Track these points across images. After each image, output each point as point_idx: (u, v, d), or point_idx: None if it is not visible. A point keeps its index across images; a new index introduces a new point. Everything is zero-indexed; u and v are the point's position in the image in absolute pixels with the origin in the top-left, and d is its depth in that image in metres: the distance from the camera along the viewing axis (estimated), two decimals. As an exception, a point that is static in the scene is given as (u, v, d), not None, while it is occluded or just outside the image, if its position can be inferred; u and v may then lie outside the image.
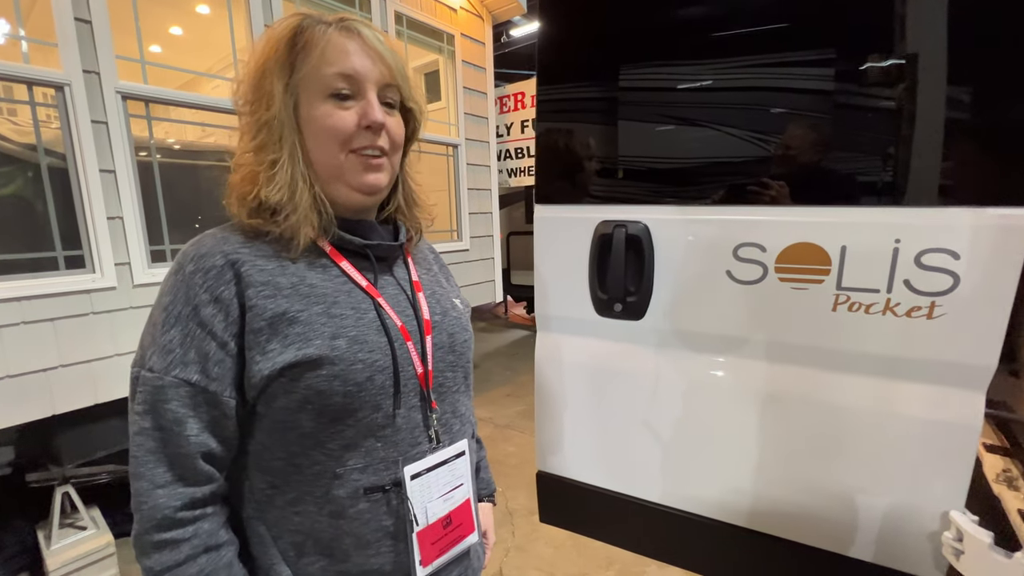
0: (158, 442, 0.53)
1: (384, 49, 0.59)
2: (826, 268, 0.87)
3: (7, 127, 1.82)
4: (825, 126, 0.88)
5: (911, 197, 0.81)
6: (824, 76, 0.87)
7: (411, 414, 0.61)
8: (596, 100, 1.11)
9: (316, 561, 0.58)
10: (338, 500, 0.57)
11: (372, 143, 0.59)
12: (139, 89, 2.00)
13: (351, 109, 0.58)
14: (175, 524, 0.53)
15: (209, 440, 0.55)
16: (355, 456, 0.57)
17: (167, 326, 0.54)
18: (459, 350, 0.69)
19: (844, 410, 0.90)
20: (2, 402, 1.70)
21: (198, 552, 0.54)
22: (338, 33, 0.57)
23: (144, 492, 0.53)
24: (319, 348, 0.55)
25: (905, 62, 0.82)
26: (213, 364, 0.54)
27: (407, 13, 3.28)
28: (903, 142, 0.83)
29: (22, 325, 1.71)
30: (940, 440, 0.84)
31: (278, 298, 0.56)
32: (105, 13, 1.87)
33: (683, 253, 0.99)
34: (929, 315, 0.81)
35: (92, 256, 1.89)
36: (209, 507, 0.56)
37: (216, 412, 0.55)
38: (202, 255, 0.56)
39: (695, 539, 1.07)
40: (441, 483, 0.63)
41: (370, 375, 0.57)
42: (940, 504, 0.85)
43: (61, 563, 1.84)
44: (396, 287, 0.66)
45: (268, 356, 0.54)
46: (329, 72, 0.56)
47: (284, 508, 0.58)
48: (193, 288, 0.54)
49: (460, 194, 3.80)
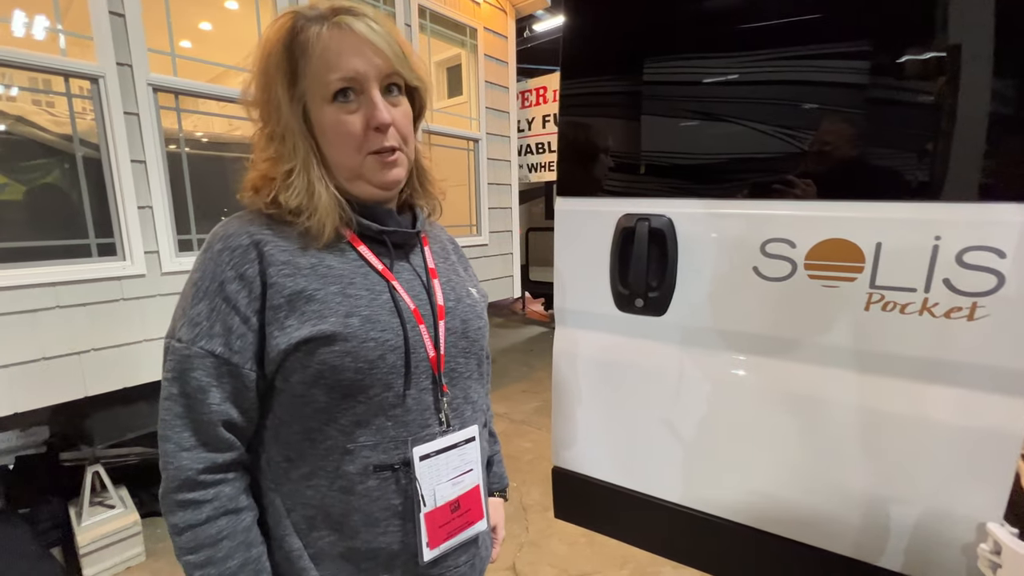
0: (184, 408, 0.56)
1: (379, 38, 0.58)
2: (859, 265, 0.83)
3: (45, 118, 1.89)
4: (863, 119, 0.85)
5: (953, 192, 0.77)
6: (861, 68, 0.84)
7: (422, 396, 0.62)
8: (621, 93, 1.08)
9: (326, 536, 0.60)
10: (348, 476, 0.59)
11: (383, 143, 0.60)
12: (169, 81, 2.04)
13: (357, 112, 0.58)
14: (197, 486, 0.56)
15: (230, 410, 0.58)
16: (366, 433, 0.59)
17: (196, 300, 0.57)
18: (472, 336, 0.70)
19: (875, 414, 0.86)
20: (39, 383, 1.77)
21: (218, 514, 0.57)
22: (330, 32, 0.57)
23: (170, 453, 0.56)
24: (333, 325, 0.56)
25: (948, 52, 0.78)
26: (236, 338, 0.56)
27: (430, 7, 3.28)
28: (945, 135, 0.79)
29: (57, 309, 1.78)
30: (978, 448, 0.80)
31: (297, 277, 0.58)
32: (138, 6, 1.92)
33: (708, 248, 0.96)
34: (970, 316, 0.77)
35: (123, 244, 1.95)
36: (230, 473, 0.59)
37: (237, 384, 0.57)
38: (229, 235, 0.58)
39: (713, 541, 1.05)
40: (450, 467, 0.64)
41: (381, 354, 0.58)
42: (977, 515, 0.81)
43: (91, 539, 1.91)
44: (412, 273, 0.67)
45: (286, 331, 0.56)
46: (330, 78, 0.57)
47: (298, 482, 0.60)
48: (220, 265, 0.57)
49: (480, 189, 3.80)
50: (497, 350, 5.12)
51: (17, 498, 2.16)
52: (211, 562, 0.56)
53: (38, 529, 2.02)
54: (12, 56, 1.69)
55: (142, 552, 2.05)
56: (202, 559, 0.56)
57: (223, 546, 0.56)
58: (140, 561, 2.04)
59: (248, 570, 0.58)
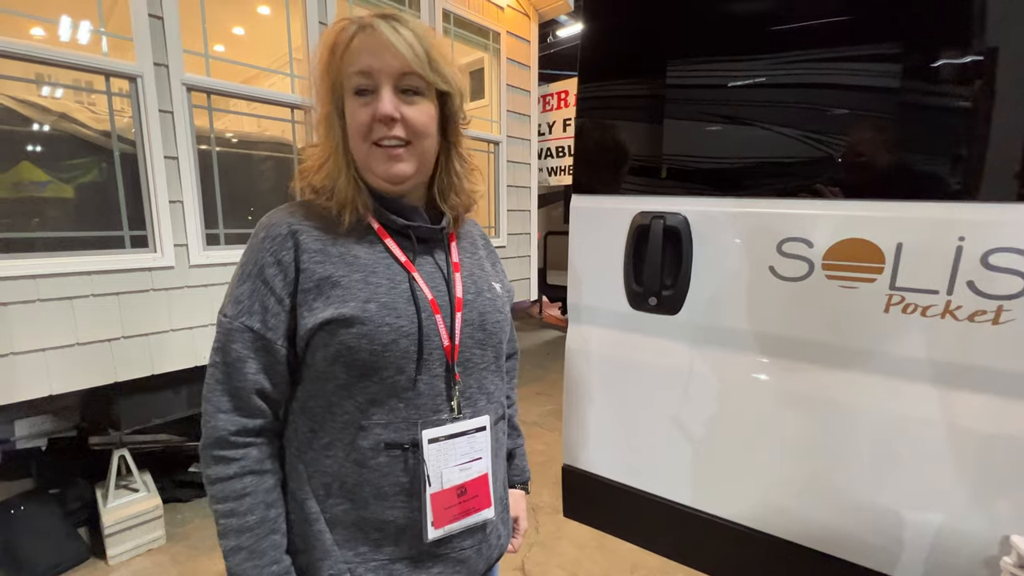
0: (224, 375, 0.63)
1: (400, 40, 0.61)
2: (879, 266, 0.82)
3: (87, 115, 1.98)
4: (884, 119, 0.83)
5: (979, 192, 0.75)
6: (881, 68, 0.82)
7: (434, 382, 0.66)
8: (638, 95, 1.09)
9: (340, 503, 0.65)
10: (361, 450, 0.63)
11: (387, 134, 0.63)
12: (203, 81, 2.12)
13: (368, 105, 0.63)
14: (229, 445, 0.63)
15: (263, 380, 0.64)
16: (379, 412, 0.63)
17: (241, 281, 0.64)
18: (490, 329, 0.72)
19: (894, 419, 0.84)
20: (72, 367, 1.84)
21: (244, 472, 0.63)
22: (360, 33, 0.63)
23: (210, 414, 0.63)
24: (352, 308, 0.62)
25: (969, 51, 0.76)
26: (271, 316, 0.63)
27: (455, 11, 3.33)
28: (970, 134, 0.77)
29: (91, 297, 1.86)
30: (1003, 456, 0.77)
31: (327, 264, 0.64)
32: (176, 9, 2.00)
33: (723, 247, 0.96)
34: (995, 320, 0.75)
35: (154, 236, 2.02)
36: (259, 438, 0.65)
37: (270, 357, 0.64)
38: (272, 224, 0.65)
39: (722, 545, 1.04)
40: (459, 453, 0.67)
41: (395, 338, 0.62)
42: (1001, 527, 0.78)
43: (115, 520, 1.98)
44: (434, 266, 0.71)
45: (313, 312, 0.62)
46: (351, 71, 0.63)
47: (319, 451, 0.65)
48: (262, 252, 0.64)
49: (499, 191, 3.82)
50: (513, 353, 5.12)
51: (48, 478, 2.26)
52: (234, 513, 0.62)
53: (67, 509, 2.11)
54: (60, 56, 1.78)
55: (163, 535, 2.11)
56: (227, 509, 0.62)
57: (245, 502, 0.62)
58: (160, 544, 2.10)
59: (265, 527, 0.63)
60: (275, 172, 2.57)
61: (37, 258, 1.77)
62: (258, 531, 0.62)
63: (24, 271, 1.71)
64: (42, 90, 2.12)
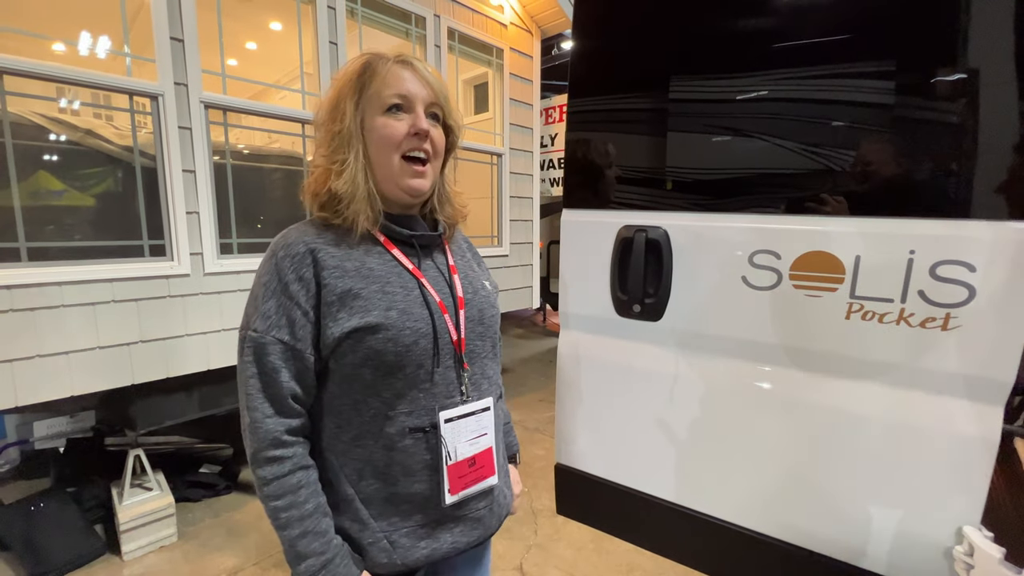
0: (263, 384, 0.70)
1: (431, 79, 0.75)
2: (840, 276, 0.89)
3: (110, 131, 2.10)
4: (839, 137, 0.91)
5: (926, 208, 0.83)
6: (842, 94, 0.90)
7: (447, 372, 0.76)
8: (622, 112, 1.17)
9: (373, 484, 0.74)
10: (389, 436, 0.73)
11: (418, 146, 0.74)
12: (219, 99, 2.24)
13: (403, 121, 0.73)
14: (281, 444, 0.70)
15: (295, 386, 0.71)
16: (403, 403, 0.73)
17: (266, 298, 0.70)
18: (487, 323, 0.83)
19: (857, 418, 0.91)
20: (93, 369, 1.94)
21: (296, 468, 0.70)
22: (397, 65, 0.74)
23: (259, 420, 0.69)
24: (376, 317, 0.70)
25: (921, 72, 0.83)
26: (299, 328, 0.70)
27: (459, 29, 3.45)
28: (917, 154, 0.84)
29: (112, 303, 1.96)
30: (956, 453, 0.83)
31: (345, 278, 0.71)
32: (195, 32, 2.13)
33: (700, 258, 1.03)
34: (944, 327, 0.81)
35: (172, 246, 2.13)
36: (300, 436, 0.73)
37: (300, 365, 0.71)
38: (289, 244, 0.72)
39: (701, 539, 1.10)
40: (469, 430, 0.77)
41: (415, 339, 0.72)
42: (956, 519, 0.84)
43: (130, 518, 2.06)
44: (436, 270, 0.80)
45: (338, 322, 0.70)
46: (388, 92, 0.72)
47: (348, 443, 0.74)
48: (283, 270, 0.70)
49: (502, 201, 3.92)
50: (516, 360, 5.18)
51: (66, 477, 2.35)
52: (293, 505, 0.69)
53: (84, 507, 2.19)
54: (88, 76, 1.90)
55: (175, 533, 2.19)
56: (286, 503, 0.69)
57: (302, 493, 0.70)
58: (172, 541, 2.18)
59: (320, 511, 0.71)
60: (285, 184, 2.68)
61: (63, 266, 1.87)
62: (316, 515, 0.70)
63: (50, 278, 1.81)
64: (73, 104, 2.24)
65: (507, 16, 3.83)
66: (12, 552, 1.97)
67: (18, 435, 2.80)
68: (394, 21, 3.10)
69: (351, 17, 2.81)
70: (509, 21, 3.85)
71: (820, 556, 0.96)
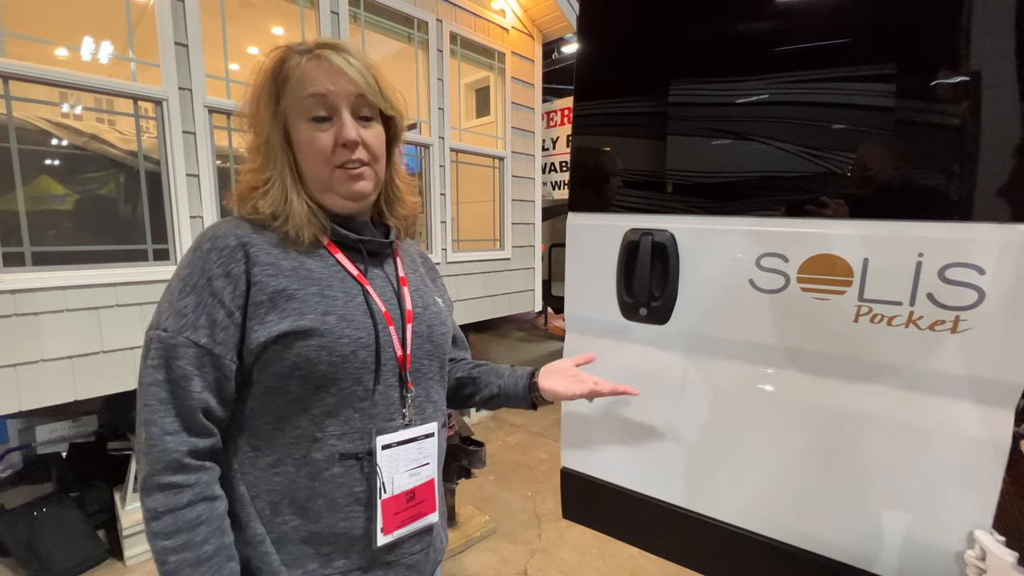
0: (168, 393, 0.59)
1: (352, 68, 0.64)
2: (848, 279, 0.89)
3: (115, 136, 2.10)
4: (846, 139, 0.91)
5: (934, 211, 0.82)
6: (848, 97, 0.90)
7: (388, 391, 0.67)
8: (627, 116, 1.17)
9: (290, 520, 0.63)
10: (315, 462, 0.63)
11: (350, 157, 0.66)
12: (223, 103, 2.25)
13: (328, 131, 0.64)
14: (181, 468, 0.59)
15: (209, 398, 0.61)
16: (334, 423, 0.63)
17: (183, 294, 0.61)
18: (436, 341, 0.76)
19: (867, 422, 0.90)
20: (96, 373, 1.94)
21: (197, 500, 0.59)
22: (308, 61, 0.64)
23: (156, 437, 0.58)
24: (311, 321, 0.61)
25: (922, 74, 0.83)
26: (220, 330, 0.60)
27: (461, 33, 3.46)
28: (925, 155, 0.84)
29: (116, 307, 1.96)
30: (966, 457, 0.83)
31: (279, 277, 0.63)
32: (199, 38, 2.14)
33: (707, 261, 1.03)
34: (953, 329, 0.81)
35: (175, 249, 2.13)
36: (207, 461, 0.62)
37: (218, 373, 0.61)
38: (218, 236, 0.63)
39: (708, 544, 1.09)
40: (409, 458, 0.69)
41: (354, 349, 0.63)
42: (967, 523, 0.84)
43: (132, 522, 2.06)
44: (384, 280, 0.73)
45: (266, 325, 0.61)
46: (303, 96, 0.63)
47: (265, 469, 0.64)
48: (209, 263, 0.61)
49: (504, 205, 3.92)
50: (519, 363, 5.16)
51: (69, 482, 2.34)
52: (188, 546, 0.57)
53: (86, 511, 2.19)
54: (94, 82, 1.91)
55: (177, 538, 2.18)
56: (179, 543, 0.57)
57: (201, 531, 0.58)
58: (175, 546, 2.17)
59: (222, 555, 0.60)
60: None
61: (67, 270, 1.88)
62: (216, 561, 0.58)
63: (55, 283, 1.82)
64: (75, 109, 2.25)
65: (509, 20, 3.85)
66: (14, 557, 1.96)
67: (20, 440, 2.79)
68: (397, 26, 3.11)
69: (354, 22, 2.83)
70: (511, 25, 3.87)
71: (830, 560, 0.96)
